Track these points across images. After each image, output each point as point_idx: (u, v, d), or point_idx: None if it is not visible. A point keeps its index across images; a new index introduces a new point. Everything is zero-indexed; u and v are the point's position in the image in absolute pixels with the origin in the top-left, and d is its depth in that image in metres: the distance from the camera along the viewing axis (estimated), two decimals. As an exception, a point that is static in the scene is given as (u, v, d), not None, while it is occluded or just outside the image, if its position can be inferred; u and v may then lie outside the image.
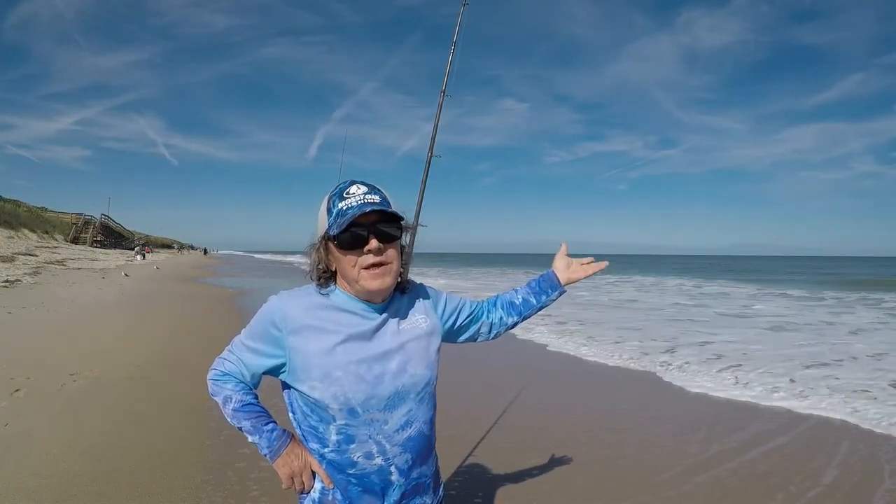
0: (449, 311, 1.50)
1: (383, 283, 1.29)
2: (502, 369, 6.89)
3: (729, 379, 6.38)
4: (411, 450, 1.34)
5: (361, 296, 1.33)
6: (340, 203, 1.28)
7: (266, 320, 1.33)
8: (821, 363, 7.40)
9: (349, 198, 1.28)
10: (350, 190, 1.30)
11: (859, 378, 6.45)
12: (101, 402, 4.80)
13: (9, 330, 7.89)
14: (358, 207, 1.26)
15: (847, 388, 5.96)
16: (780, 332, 10.52)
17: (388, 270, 1.30)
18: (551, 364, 7.34)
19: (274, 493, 3.16)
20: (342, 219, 1.25)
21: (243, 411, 1.35)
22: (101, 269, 23.99)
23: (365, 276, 1.28)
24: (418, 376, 1.34)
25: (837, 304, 17.16)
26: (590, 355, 7.85)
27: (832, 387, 5.99)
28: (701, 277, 35.59)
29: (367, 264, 1.28)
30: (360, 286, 1.30)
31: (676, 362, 7.29)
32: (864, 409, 5.13)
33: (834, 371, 6.88)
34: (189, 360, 6.61)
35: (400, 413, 1.32)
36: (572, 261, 1.69)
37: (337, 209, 1.28)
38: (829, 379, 6.40)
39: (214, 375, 1.39)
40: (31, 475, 3.28)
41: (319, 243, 1.33)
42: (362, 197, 1.28)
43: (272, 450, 1.33)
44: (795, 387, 5.98)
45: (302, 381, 1.29)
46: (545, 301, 1.65)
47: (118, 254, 43.11)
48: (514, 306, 1.64)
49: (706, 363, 7.26)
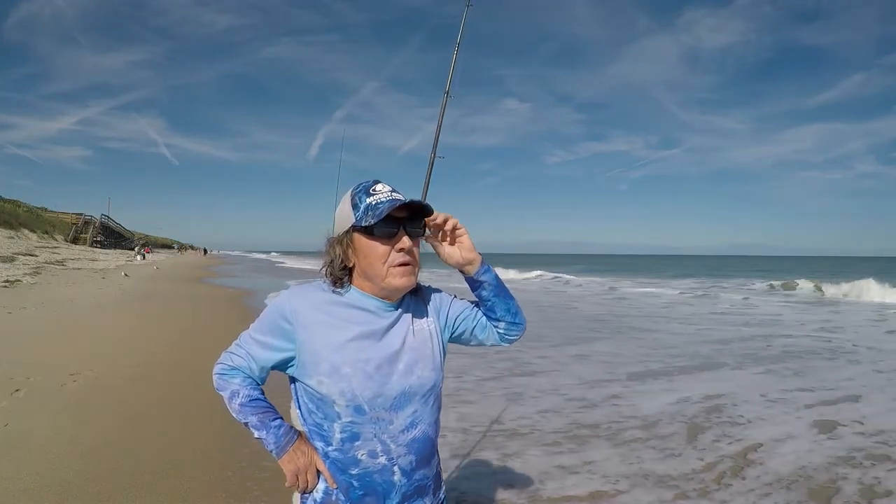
0: (454, 315, 1.47)
1: (409, 280, 1.31)
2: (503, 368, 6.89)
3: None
4: (415, 451, 1.33)
5: (380, 294, 1.33)
6: (369, 198, 1.28)
7: (277, 314, 1.33)
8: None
9: (377, 194, 1.29)
10: (376, 187, 1.31)
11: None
12: (101, 402, 4.80)
13: (9, 330, 7.88)
14: (390, 203, 1.26)
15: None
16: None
17: (414, 270, 1.32)
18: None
19: (274, 494, 3.16)
20: (375, 211, 1.26)
21: (251, 406, 1.35)
22: (100, 269, 23.96)
23: (394, 272, 1.29)
24: (425, 378, 1.34)
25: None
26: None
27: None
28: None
29: (396, 262, 1.29)
30: (386, 282, 1.30)
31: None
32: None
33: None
34: (189, 360, 6.60)
35: (406, 413, 1.31)
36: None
37: (365, 203, 1.28)
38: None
39: (221, 370, 1.38)
40: (31, 475, 3.28)
41: (343, 237, 1.33)
42: (390, 194, 1.30)
43: (279, 446, 1.33)
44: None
45: (310, 375, 1.29)
46: (487, 296, 1.44)
47: (118, 254, 43.07)
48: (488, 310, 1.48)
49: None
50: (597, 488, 3.47)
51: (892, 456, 4.11)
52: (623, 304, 17.35)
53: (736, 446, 4.26)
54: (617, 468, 3.80)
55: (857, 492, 3.50)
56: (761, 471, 3.79)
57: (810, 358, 7.93)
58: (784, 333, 10.58)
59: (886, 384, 6.35)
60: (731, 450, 4.17)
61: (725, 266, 64.54)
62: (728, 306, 16.78)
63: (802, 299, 19.95)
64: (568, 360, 7.53)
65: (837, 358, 7.99)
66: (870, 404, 5.50)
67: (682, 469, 3.80)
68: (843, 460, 4.01)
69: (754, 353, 8.33)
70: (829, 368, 7.23)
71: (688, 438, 4.42)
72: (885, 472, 3.80)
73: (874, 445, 4.32)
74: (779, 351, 8.52)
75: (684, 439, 4.40)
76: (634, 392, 5.86)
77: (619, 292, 22.84)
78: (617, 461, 3.92)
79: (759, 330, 11.08)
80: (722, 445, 4.27)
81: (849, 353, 8.36)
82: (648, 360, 7.56)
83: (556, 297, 20.42)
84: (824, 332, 10.94)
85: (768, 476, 3.71)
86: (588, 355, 7.94)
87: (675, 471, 3.77)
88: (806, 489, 3.52)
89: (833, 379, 6.60)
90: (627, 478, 3.63)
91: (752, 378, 6.61)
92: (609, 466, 3.82)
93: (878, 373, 6.97)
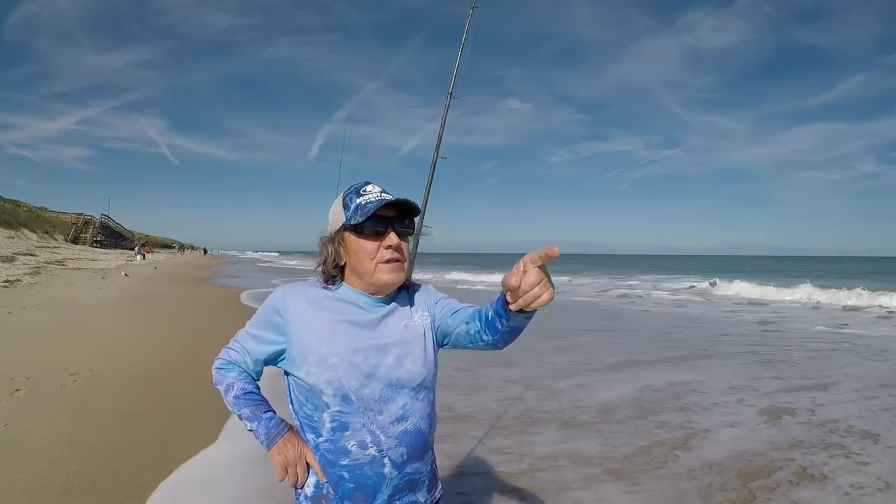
0: (440, 315, 1.42)
1: (397, 276, 1.35)
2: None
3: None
4: (406, 444, 1.34)
5: (370, 290, 1.37)
6: (358, 199, 1.34)
7: (270, 308, 1.38)
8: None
9: (367, 194, 1.34)
10: (366, 188, 1.36)
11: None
12: (101, 402, 4.80)
13: (9, 330, 7.88)
14: (377, 201, 1.31)
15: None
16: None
17: (402, 266, 1.36)
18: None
19: (273, 493, 3.15)
20: (363, 210, 1.31)
21: (244, 398, 1.39)
22: (100, 269, 23.96)
23: (382, 268, 1.33)
24: (414, 373, 1.35)
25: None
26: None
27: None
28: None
29: (385, 259, 1.33)
30: (374, 278, 1.33)
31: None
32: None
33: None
34: (188, 360, 6.61)
35: (395, 406, 1.32)
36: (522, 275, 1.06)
37: (355, 204, 1.33)
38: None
39: (219, 364, 1.45)
40: (31, 475, 3.28)
41: (335, 235, 1.38)
42: (379, 194, 1.35)
43: (269, 437, 1.36)
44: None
45: (299, 366, 1.32)
46: (503, 326, 1.22)
47: (118, 254, 43.07)
48: (489, 322, 1.26)
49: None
50: (524, 468, 3.69)
51: (836, 443, 4.28)
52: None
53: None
54: (549, 449, 4.03)
55: (788, 475, 3.64)
56: (694, 455, 4.00)
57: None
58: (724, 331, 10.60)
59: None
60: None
61: (726, 266, 64.77)
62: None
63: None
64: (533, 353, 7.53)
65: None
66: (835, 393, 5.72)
67: (617, 452, 4.03)
68: (780, 447, 4.22)
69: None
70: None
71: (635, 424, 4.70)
72: (825, 458, 3.96)
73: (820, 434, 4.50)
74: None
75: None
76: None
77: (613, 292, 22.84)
78: (552, 443, 4.16)
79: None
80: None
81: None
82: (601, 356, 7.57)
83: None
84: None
85: (698, 461, 3.87)
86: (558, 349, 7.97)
87: (609, 453, 3.99)
88: (736, 471, 3.69)
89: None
90: (555, 458, 3.85)
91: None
92: (543, 449, 4.05)
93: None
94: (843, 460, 3.89)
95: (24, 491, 3.08)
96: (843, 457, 3.96)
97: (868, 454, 4.02)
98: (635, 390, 5.86)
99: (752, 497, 3.29)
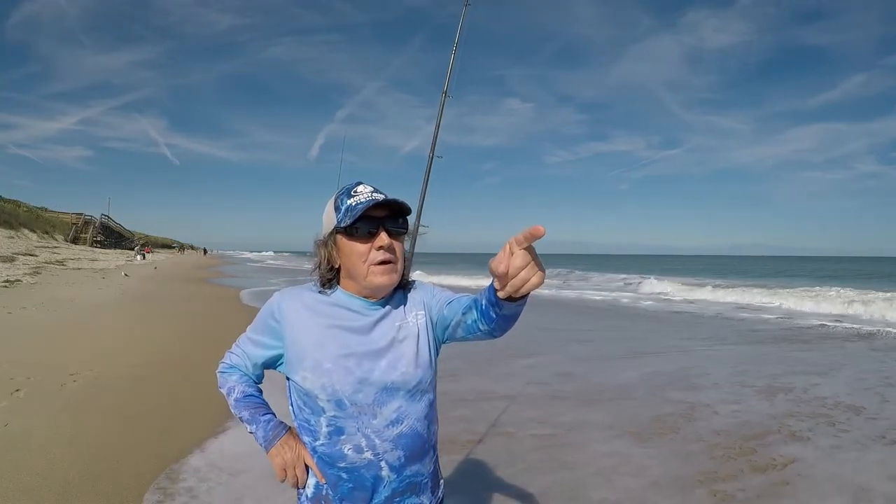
0: (437, 307, 1.40)
1: (391, 278, 1.33)
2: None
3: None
4: (403, 447, 1.33)
5: (364, 293, 1.35)
6: (349, 200, 1.33)
7: (267, 313, 1.40)
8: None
9: (357, 195, 1.33)
10: (357, 189, 1.35)
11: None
12: (101, 402, 4.80)
13: (9, 330, 7.88)
14: (367, 202, 1.30)
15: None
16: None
17: (396, 267, 1.34)
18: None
19: (272, 493, 3.16)
20: (353, 211, 1.30)
21: (244, 401, 1.42)
22: (100, 269, 23.96)
23: (375, 271, 1.31)
24: (409, 375, 1.33)
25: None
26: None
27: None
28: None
29: (377, 260, 1.31)
30: (367, 281, 1.32)
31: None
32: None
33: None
34: (188, 360, 6.61)
35: (389, 409, 1.31)
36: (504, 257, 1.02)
37: (346, 205, 1.32)
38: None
39: (222, 368, 1.48)
40: (31, 475, 3.28)
41: (328, 239, 1.37)
42: (370, 194, 1.33)
43: (267, 439, 1.38)
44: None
45: (296, 371, 1.33)
46: (497, 315, 1.18)
47: (118, 254, 43.05)
48: (483, 311, 1.22)
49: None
50: (550, 432, 4.42)
51: (824, 414, 4.97)
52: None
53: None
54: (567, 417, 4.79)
55: (780, 439, 4.29)
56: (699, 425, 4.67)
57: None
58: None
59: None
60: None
61: (726, 265, 64.56)
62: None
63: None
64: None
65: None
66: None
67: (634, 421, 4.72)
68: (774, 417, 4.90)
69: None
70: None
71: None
72: (812, 425, 4.64)
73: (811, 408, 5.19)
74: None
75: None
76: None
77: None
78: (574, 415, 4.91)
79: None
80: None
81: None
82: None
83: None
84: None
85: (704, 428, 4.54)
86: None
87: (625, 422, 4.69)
88: (739, 436, 4.33)
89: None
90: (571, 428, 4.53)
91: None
92: (563, 419, 4.76)
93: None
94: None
95: (24, 491, 3.08)
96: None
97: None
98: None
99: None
